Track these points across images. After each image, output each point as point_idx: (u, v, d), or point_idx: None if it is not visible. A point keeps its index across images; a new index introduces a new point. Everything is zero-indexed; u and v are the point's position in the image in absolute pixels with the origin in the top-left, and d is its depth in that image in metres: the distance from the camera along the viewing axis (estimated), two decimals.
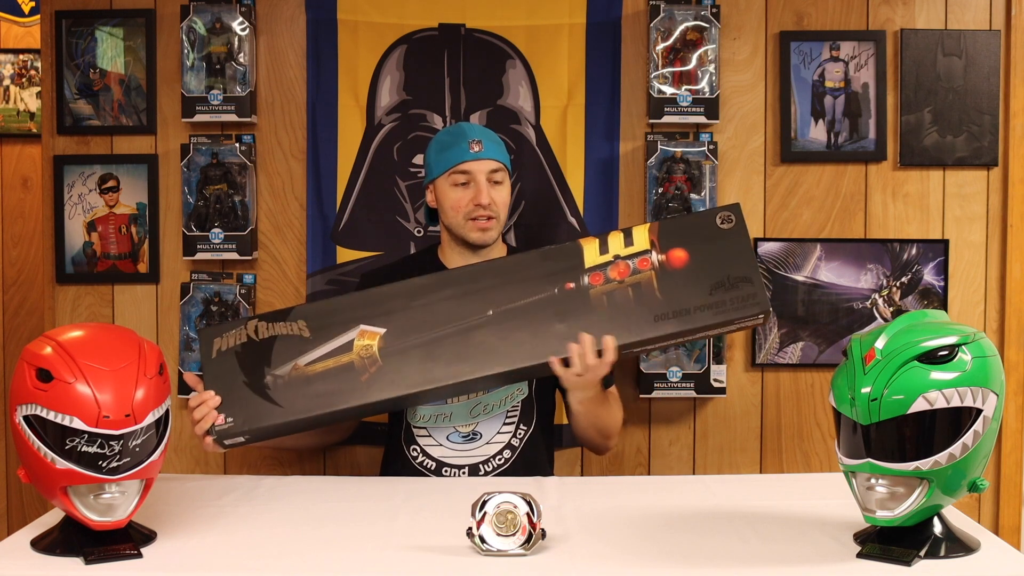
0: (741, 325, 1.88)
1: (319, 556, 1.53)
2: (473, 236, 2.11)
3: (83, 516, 1.49)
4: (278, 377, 1.87)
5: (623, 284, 1.88)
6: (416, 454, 2.10)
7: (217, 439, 1.85)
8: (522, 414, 2.11)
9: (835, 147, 2.54)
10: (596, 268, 1.90)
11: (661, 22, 2.49)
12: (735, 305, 1.85)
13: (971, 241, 2.56)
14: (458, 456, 2.07)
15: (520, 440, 2.10)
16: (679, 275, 1.87)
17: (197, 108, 2.47)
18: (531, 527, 1.50)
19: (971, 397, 1.43)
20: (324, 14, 2.52)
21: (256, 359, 1.89)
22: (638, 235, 1.92)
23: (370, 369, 1.87)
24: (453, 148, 2.12)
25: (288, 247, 2.56)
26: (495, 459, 2.08)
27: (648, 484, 2.16)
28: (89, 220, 2.55)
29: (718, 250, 1.89)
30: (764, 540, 1.58)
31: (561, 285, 1.90)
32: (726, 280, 1.86)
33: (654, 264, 1.88)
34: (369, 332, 1.89)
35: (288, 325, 1.92)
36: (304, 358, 1.89)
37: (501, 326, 1.88)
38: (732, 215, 1.92)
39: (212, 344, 1.92)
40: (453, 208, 2.11)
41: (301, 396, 1.85)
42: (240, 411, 1.85)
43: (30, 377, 1.49)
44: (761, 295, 1.86)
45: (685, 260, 1.88)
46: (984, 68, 2.53)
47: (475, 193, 2.09)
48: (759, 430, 2.58)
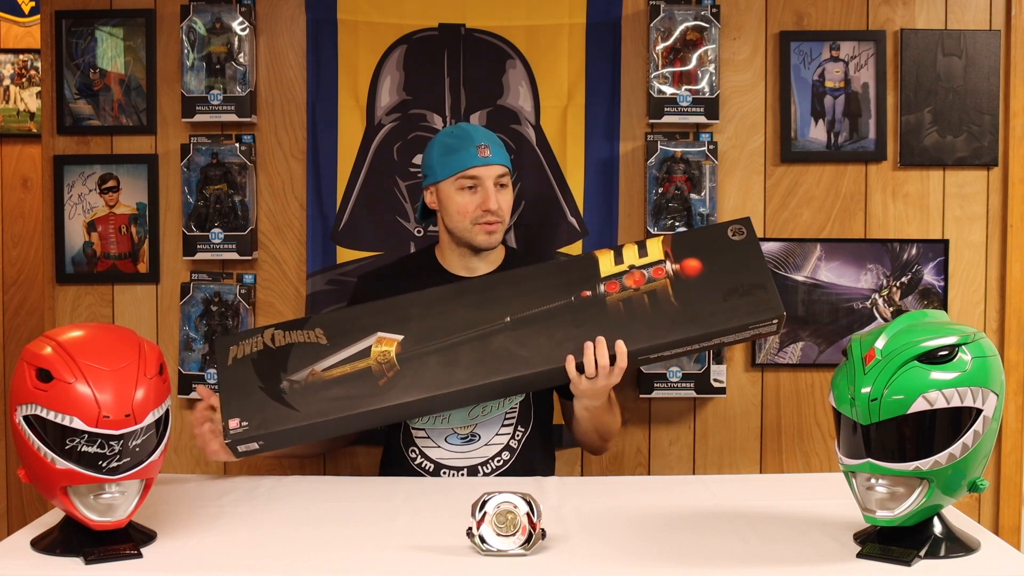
0: (756, 331, 1.89)
1: (319, 556, 1.53)
2: (480, 240, 2.11)
3: (83, 516, 1.49)
4: (294, 382, 1.87)
5: (639, 292, 1.89)
6: (415, 456, 2.09)
7: (231, 444, 1.84)
8: (520, 416, 2.10)
9: (835, 147, 2.54)
10: (612, 277, 1.91)
11: (661, 22, 2.49)
12: (749, 310, 1.86)
13: (971, 241, 2.57)
14: (456, 458, 2.07)
15: (519, 442, 2.09)
16: (693, 283, 1.89)
17: (197, 108, 2.47)
18: (531, 527, 1.50)
19: (971, 397, 1.43)
20: (324, 14, 2.52)
21: (272, 366, 1.89)
22: (652, 246, 1.94)
23: (388, 374, 1.87)
24: (460, 152, 2.10)
25: (288, 247, 2.56)
26: (494, 461, 2.08)
27: (648, 484, 2.16)
28: (89, 220, 2.55)
29: (731, 259, 1.91)
30: (764, 540, 1.58)
31: (577, 293, 1.91)
32: (740, 287, 1.88)
33: (669, 273, 1.90)
34: (387, 339, 1.90)
35: (305, 333, 1.92)
36: (321, 364, 1.89)
37: (518, 332, 1.88)
38: (743, 227, 1.95)
39: (228, 352, 1.92)
40: (460, 213, 2.10)
41: (318, 400, 1.85)
42: (255, 415, 1.84)
43: (30, 377, 1.49)
44: (775, 301, 1.87)
45: (699, 269, 1.90)
46: (984, 68, 2.53)
47: (483, 199, 2.09)
48: (759, 430, 2.59)
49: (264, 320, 2.53)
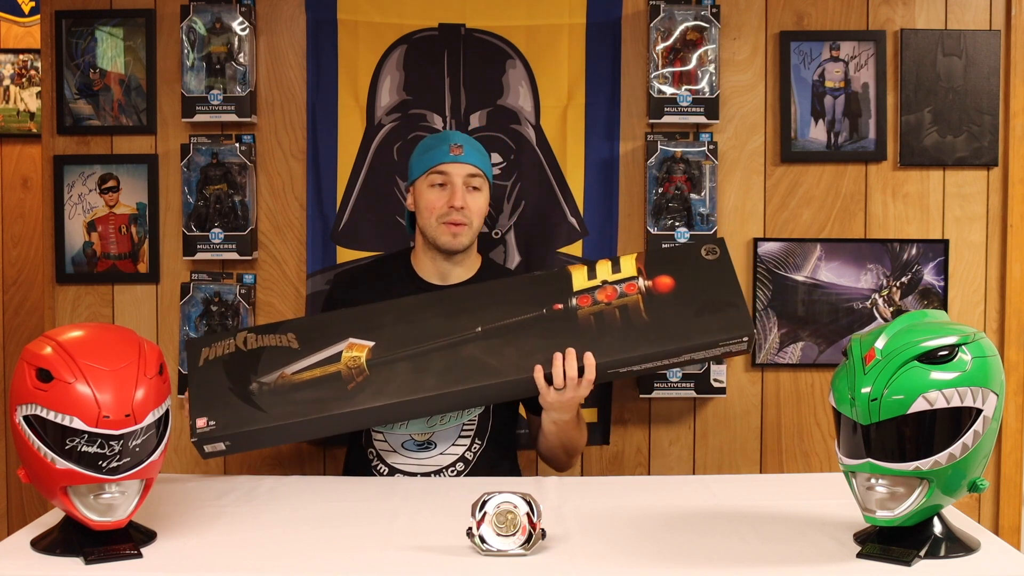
0: (727, 348, 1.90)
1: (319, 556, 1.53)
2: (443, 240, 2.11)
3: (83, 516, 1.49)
4: (264, 384, 1.88)
5: (610, 306, 1.91)
6: (372, 457, 2.10)
7: (197, 443, 1.84)
8: (478, 429, 2.10)
9: (835, 147, 2.54)
10: (584, 291, 1.93)
11: (661, 22, 2.49)
12: (720, 327, 1.88)
13: (971, 241, 2.56)
14: (411, 464, 2.07)
15: (475, 455, 2.09)
16: (665, 299, 1.91)
17: (197, 108, 2.47)
18: (531, 527, 1.50)
19: (971, 397, 1.43)
20: (324, 14, 2.52)
21: (243, 368, 1.90)
22: (625, 263, 1.96)
23: (357, 378, 1.88)
24: (434, 150, 2.13)
25: (288, 247, 2.56)
26: (448, 471, 2.07)
27: (648, 484, 2.16)
28: (89, 220, 2.55)
29: (704, 278, 1.94)
30: (764, 540, 1.58)
31: (549, 306, 1.92)
32: (711, 304, 1.90)
33: (641, 289, 1.92)
34: (358, 344, 1.91)
35: (277, 337, 1.94)
36: (291, 367, 1.90)
37: (489, 342, 1.90)
38: (717, 248, 1.98)
39: (200, 354, 1.93)
40: (428, 208, 2.11)
41: (286, 402, 1.86)
42: (223, 415, 1.85)
43: (30, 377, 1.49)
44: (746, 319, 1.89)
45: (671, 286, 1.92)
46: (984, 68, 2.53)
47: (450, 195, 2.09)
48: (759, 430, 2.59)
49: (264, 320, 2.53)
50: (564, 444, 2.09)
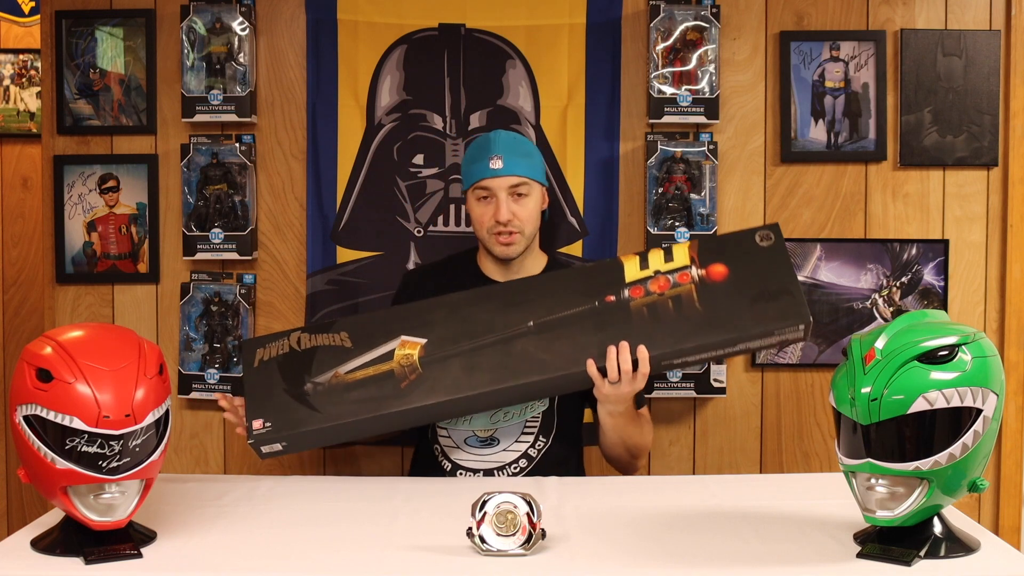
0: (782, 337, 1.86)
1: (319, 556, 1.53)
2: (497, 250, 2.11)
3: (83, 516, 1.49)
4: (318, 384, 1.88)
5: (663, 296, 1.87)
6: (437, 454, 2.11)
7: (254, 444, 1.85)
8: (542, 426, 2.09)
9: (835, 147, 2.54)
10: (637, 282, 1.90)
11: (661, 22, 2.49)
12: (776, 316, 1.83)
13: (971, 241, 2.57)
14: (474, 460, 2.07)
15: (538, 451, 2.08)
16: (719, 288, 1.87)
17: (197, 108, 2.47)
18: (531, 527, 1.50)
19: (971, 397, 1.43)
20: (324, 14, 2.52)
21: (297, 368, 1.90)
22: (678, 252, 1.92)
23: (410, 376, 1.87)
24: (477, 163, 2.11)
25: (288, 247, 2.56)
26: (511, 467, 2.07)
27: (648, 484, 2.16)
28: (89, 220, 2.55)
29: (758, 265, 1.89)
30: (764, 540, 1.58)
31: (602, 298, 1.89)
32: (766, 292, 1.85)
33: (694, 278, 1.88)
34: (410, 342, 1.90)
35: (330, 336, 1.93)
36: (345, 367, 1.89)
37: (542, 336, 1.88)
38: (771, 233, 1.92)
39: (255, 354, 1.93)
40: (477, 222, 2.13)
41: (340, 402, 1.86)
42: (279, 416, 1.85)
43: (30, 377, 1.49)
44: (802, 307, 1.84)
45: (725, 274, 1.88)
46: (984, 68, 2.53)
47: (495, 210, 2.09)
48: (759, 430, 2.59)
49: (264, 320, 2.53)
50: (624, 441, 2.07)
